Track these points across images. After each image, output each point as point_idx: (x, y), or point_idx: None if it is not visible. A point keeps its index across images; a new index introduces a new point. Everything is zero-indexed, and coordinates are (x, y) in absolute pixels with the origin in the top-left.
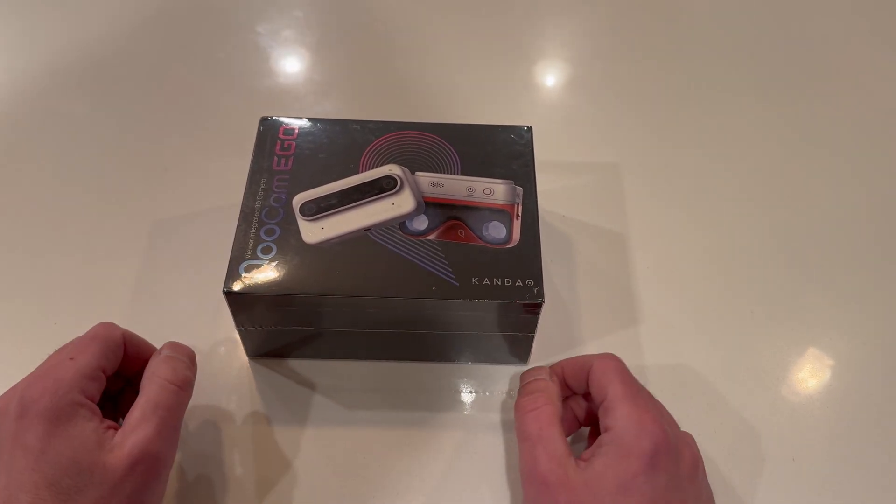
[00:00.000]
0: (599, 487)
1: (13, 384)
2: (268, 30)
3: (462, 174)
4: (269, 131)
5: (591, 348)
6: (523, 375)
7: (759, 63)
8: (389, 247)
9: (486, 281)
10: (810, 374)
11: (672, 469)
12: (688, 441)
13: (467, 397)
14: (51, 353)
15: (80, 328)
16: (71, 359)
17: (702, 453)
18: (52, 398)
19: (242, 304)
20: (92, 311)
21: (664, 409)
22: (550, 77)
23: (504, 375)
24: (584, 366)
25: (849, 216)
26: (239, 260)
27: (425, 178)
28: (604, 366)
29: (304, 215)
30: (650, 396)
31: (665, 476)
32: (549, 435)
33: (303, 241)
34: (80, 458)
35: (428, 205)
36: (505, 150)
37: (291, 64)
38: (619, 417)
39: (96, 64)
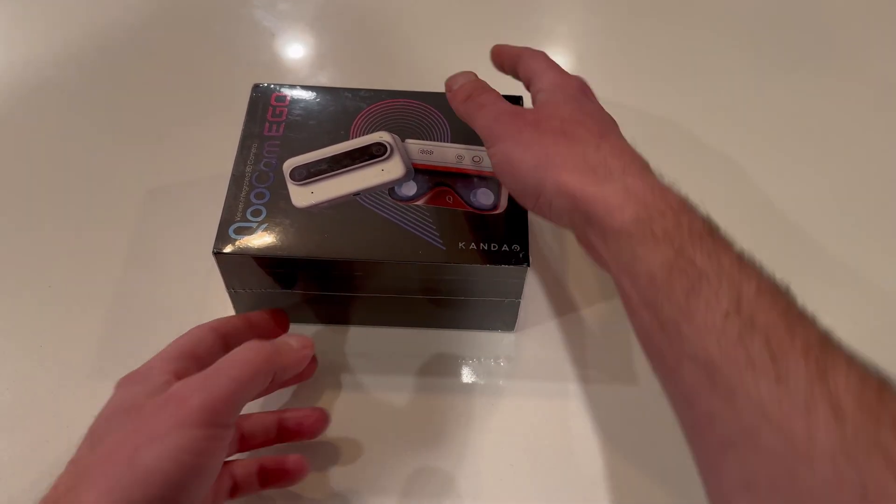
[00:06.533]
0: (556, 110)
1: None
2: (264, 2)
3: (452, 142)
4: (261, 98)
5: (580, 316)
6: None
7: (750, 43)
8: (378, 212)
9: (473, 245)
10: None
11: (592, 96)
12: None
13: (456, 363)
14: (41, 314)
15: (75, 292)
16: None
17: None
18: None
19: (232, 266)
20: (86, 276)
21: None
22: (542, 50)
23: (491, 342)
24: (514, 55)
25: (835, 196)
26: (229, 222)
27: (415, 146)
28: (533, 54)
29: (294, 180)
30: None
31: (593, 98)
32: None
33: (293, 205)
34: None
35: (417, 171)
36: None
37: (287, 37)
38: (548, 78)
39: (91, 36)
